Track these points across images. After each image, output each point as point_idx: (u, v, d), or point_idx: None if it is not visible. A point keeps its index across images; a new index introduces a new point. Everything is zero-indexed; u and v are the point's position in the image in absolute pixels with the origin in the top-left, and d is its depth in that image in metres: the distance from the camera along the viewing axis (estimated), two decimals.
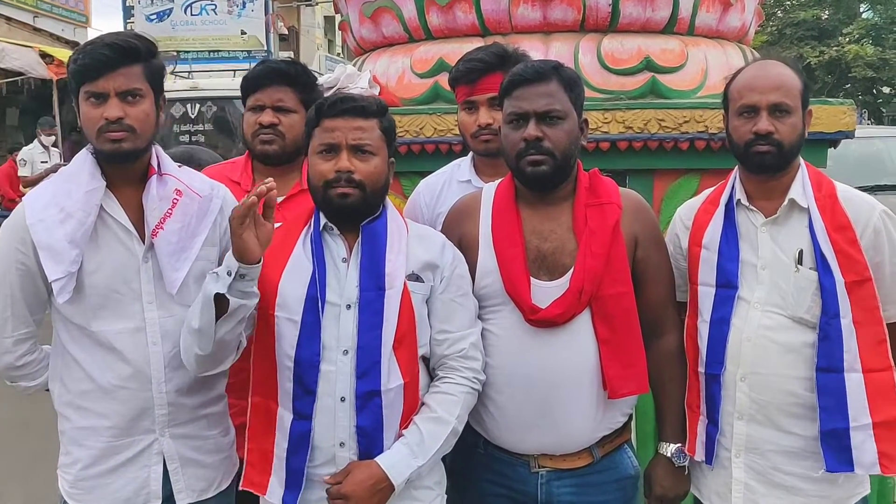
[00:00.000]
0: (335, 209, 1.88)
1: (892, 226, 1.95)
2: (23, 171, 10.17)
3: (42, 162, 10.51)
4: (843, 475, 1.93)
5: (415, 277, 1.91)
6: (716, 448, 2.00)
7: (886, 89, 22.60)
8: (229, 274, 1.75)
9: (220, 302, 1.77)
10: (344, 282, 1.87)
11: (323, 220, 1.92)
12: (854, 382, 1.87)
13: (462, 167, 2.44)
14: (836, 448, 1.88)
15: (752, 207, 2.00)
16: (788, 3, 22.89)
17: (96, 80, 1.85)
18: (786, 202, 1.95)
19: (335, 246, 1.91)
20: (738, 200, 2.01)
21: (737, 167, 2.05)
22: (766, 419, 1.94)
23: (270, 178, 1.76)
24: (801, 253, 1.92)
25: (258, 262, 1.77)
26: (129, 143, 1.87)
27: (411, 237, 1.95)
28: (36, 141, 10.74)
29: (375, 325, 1.84)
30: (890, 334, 1.95)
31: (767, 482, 1.96)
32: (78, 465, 1.96)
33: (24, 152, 10.62)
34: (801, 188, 1.96)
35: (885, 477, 2.67)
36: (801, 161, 2.01)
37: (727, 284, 1.97)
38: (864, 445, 1.87)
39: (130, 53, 1.86)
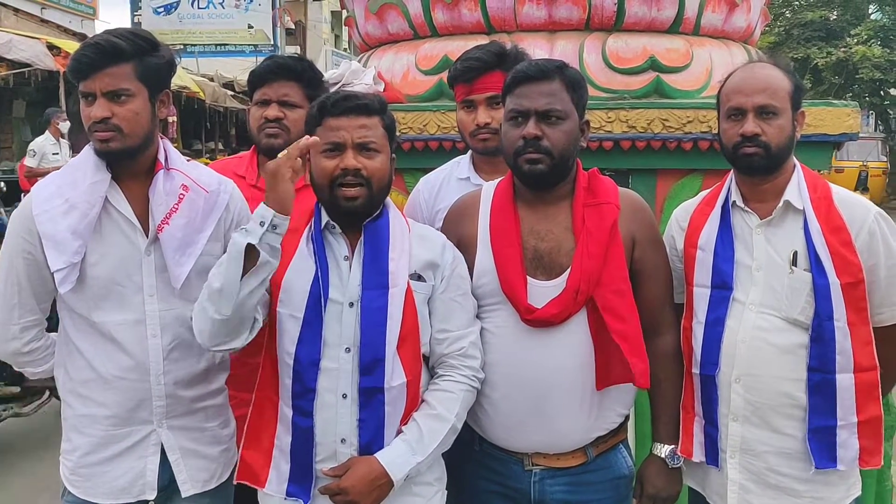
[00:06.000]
0: (341, 211, 1.89)
1: (886, 228, 1.95)
2: (30, 162, 10.15)
3: (53, 154, 10.46)
4: (836, 476, 1.94)
5: (417, 277, 1.92)
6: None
7: (894, 91, 22.52)
8: (262, 224, 1.76)
9: (246, 259, 1.77)
10: (346, 280, 1.88)
11: (325, 219, 1.92)
12: (845, 383, 1.89)
13: (461, 165, 2.44)
14: (822, 445, 1.90)
15: (747, 209, 2.00)
16: (796, 3, 22.81)
17: (85, 80, 1.87)
18: (781, 204, 1.96)
19: (337, 244, 1.92)
20: (734, 202, 2.02)
21: (733, 169, 2.06)
22: (760, 420, 1.95)
23: (314, 138, 1.82)
24: (795, 254, 1.93)
25: (289, 214, 1.79)
26: (116, 142, 1.88)
27: (413, 237, 1.96)
28: (47, 132, 10.70)
29: (379, 323, 1.84)
30: (883, 337, 1.96)
31: (762, 483, 1.97)
32: (77, 452, 1.99)
33: (36, 142, 10.58)
34: (796, 190, 1.96)
35: (883, 480, 2.68)
36: (797, 163, 2.02)
37: (722, 286, 1.98)
38: (848, 442, 1.90)
39: (114, 54, 1.86)
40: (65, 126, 10.59)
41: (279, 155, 1.80)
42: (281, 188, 1.76)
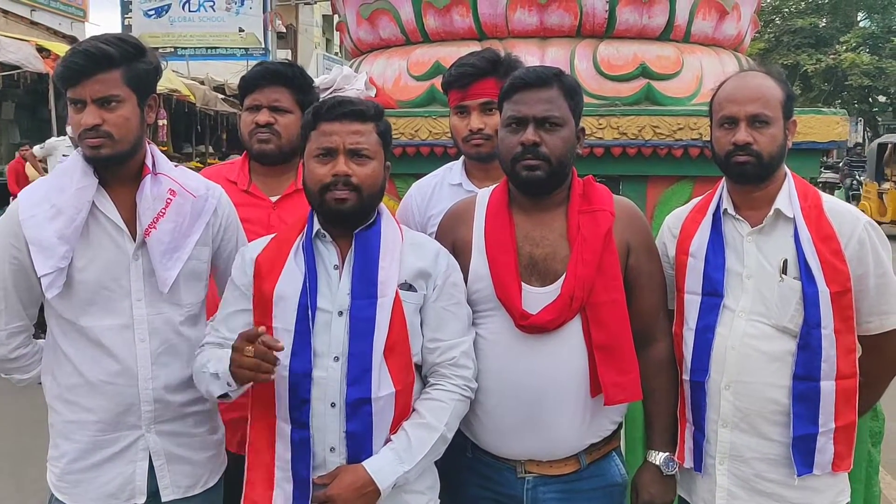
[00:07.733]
0: (331, 214, 1.88)
1: (876, 237, 1.96)
2: (37, 151, 9.99)
3: (64, 155, 10.34)
4: (824, 482, 1.96)
5: (407, 286, 1.90)
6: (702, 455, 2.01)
7: (882, 98, 22.70)
8: (230, 385, 1.84)
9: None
10: (336, 289, 1.88)
11: (316, 227, 1.92)
12: (827, 390, 1.90)
13: (454, 170, 2.45)
14: (803, 452, 1.92)
15: (738, 217, 2.01)
16: (786, 10, 22.99)
17: (75, 87, 1.87)
18: (771, 212, 1.97)
19: (327, 253, 1.91)
20: (725, 210, 2.03)
21: (725, 177, 2.07)
22: (749, 427, 1.96)
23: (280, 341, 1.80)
24: (785, 262, 1.94)
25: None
26: (106, 148, 1.88)
27: (406, 245, 1.95)
28: (67, 136, 10.58)
29: (366, 333, 1.83)
30: (871, 345, 1.97)
31: (750, 489, 1.97)
32: (65, 458, 1.98)
33: (53, 139, 10.46)
34: (787, 198, 1.97)
35: (871, 485, 2.70)
36: (788, 171, 2.03)
37: (713, 293, 1.99)
38: (825, 448, 1.92)
39: (104, 60, 1.86)
40: None
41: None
42: (238, 366, 1.79)
